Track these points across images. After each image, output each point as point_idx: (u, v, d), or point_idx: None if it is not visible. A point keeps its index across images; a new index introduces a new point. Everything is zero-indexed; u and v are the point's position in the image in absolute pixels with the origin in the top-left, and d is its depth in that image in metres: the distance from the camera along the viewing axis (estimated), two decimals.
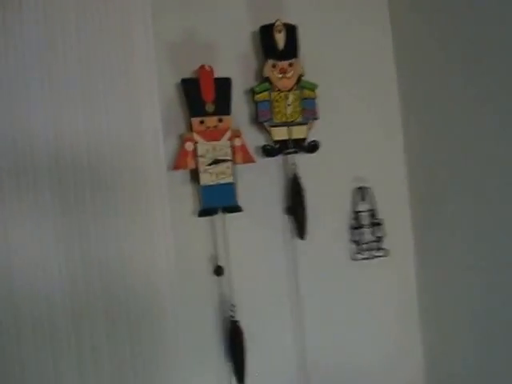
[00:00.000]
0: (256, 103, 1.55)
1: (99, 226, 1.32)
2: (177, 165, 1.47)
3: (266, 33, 1.57)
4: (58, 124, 1.30)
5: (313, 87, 1.61)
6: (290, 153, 1.58)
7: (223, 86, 1.51)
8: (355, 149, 1.70)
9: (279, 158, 1.59)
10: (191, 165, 1.48)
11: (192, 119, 1.48)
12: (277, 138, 1.57)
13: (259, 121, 1.56)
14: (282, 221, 1.61)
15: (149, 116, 1.39)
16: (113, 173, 1.34)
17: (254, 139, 1.58)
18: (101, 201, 1.32)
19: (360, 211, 1.69)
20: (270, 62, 1.56)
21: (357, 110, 1.70)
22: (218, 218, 1.52)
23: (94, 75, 1.33)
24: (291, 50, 1.58)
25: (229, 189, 1.51)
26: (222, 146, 1.50)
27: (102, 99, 1.34)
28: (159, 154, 1.40)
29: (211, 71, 1.50)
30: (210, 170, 1.49)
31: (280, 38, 1.57)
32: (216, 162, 1.49)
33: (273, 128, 1.56)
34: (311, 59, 1.62)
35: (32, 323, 1.25)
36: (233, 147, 1.51)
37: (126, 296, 1.34)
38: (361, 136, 1.71)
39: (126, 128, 1.36)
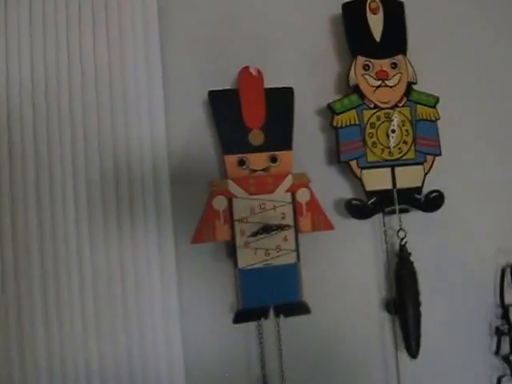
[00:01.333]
0: (336, 130, 0.92)
1: None
2: (198, 236, 0.86)
3: (352, 14, 0.95)
4: None
5: (432, 102, 0.96)
6: (393, 212, 0.94)
7: (280, 103, 0.90)
8: (501, 205, 1.03)
9: (375, 220, 0.96)
10: (223, 235, 0.87)
11: (226, 157, 0.88)
12: (372, 187, 0.93)
13: (342, 160, 0.92)
14: (378, 322, 0.96)
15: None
16: None
17: (332, 190, 0.96)
18: None
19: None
20: (360, 60, 0.94)
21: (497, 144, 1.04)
22: (270, 323, 0.90)
23: None
24: (395, 42, 0.96)
25: (288, 274, 0.89)
26: (277, 203, 0.89)
27: None
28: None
29: (260, 77, 0.90)
30: (256, 244, 0.87)
31: (377, 23, 0.95)
32: (266, 229, 0.88)
33: (366, 171, 0.93)
34: (423, 55, 0.99)
35: None
36: (296, 205, 0.89)
37: None
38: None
39: None
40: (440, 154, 0.95)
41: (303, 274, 0.89)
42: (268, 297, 0.88)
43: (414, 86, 0.96)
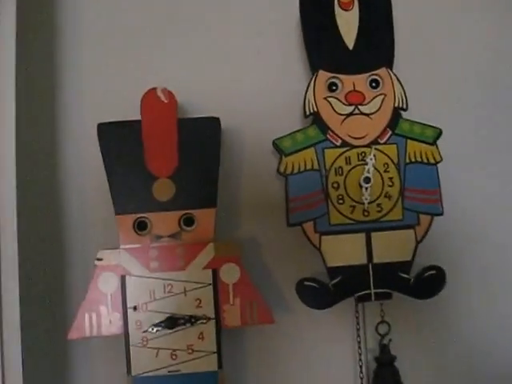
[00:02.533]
0: (285, 178, 0.64)
1: None
2: (76, 328, 0.59)
3: (313, 10, 0.66)
4: None
5: (431, 136, 0.66)
6: (367, 297, 0.64)
7: (200, 139, 0.63)
8: None
9: (341, 310, 0.66)
10: (112, 328, 0.60)
11: (118, 218, 0.62)
12: (336, 261, 0.63)
13: (291, 222, 0.64)
14: None
15: None
16: None
17: (277, 265, 0.67)
18: None
19: None
20: (323, 76, 0.65)
21: None
22: None
23: None
24: (376, 50, 0.66)
25: None
26: (191, 285, 0.61)
27: None
28: None
29: (172, 103, 0.63)
30: (158, 343, 0.60)
31: (349, 22, 0.66)
32: (172, 322, 0.61)
33: (327, 238, 0.63)
34: (418, 69, 0.69)
35: None
36: (219, 287, 0.62)
37: None
38: None
39: None
40: (441, 214, 0.65)
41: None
42: None
43: (404, 114, 0.66)
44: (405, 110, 0.66)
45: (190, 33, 0.69)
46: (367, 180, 0.63)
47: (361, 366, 0.66)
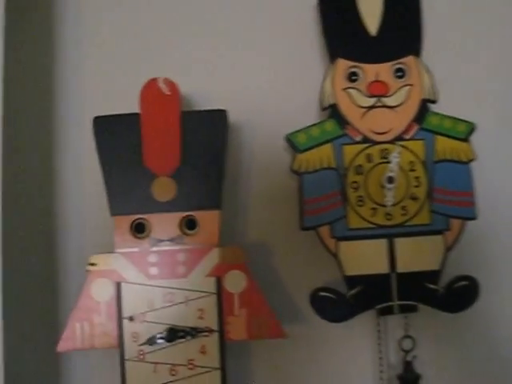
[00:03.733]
0: (300, 176, 0.58)
1: None
2: (65, 340, 0.54)
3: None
4: None
5: (464, 131, 0.59)
6: (390, 310, 0.57)
7: (204, 134, 0.57)
8: None
9: (360, 324, 0.59)
10: (105, 340, 0.55)
11: (115, 219, 0.57)
12: (355, 270, 0.57)
13: (306, 225, 0.57)
14: None
15: None
16: None
17: (289, 274, 0.61)
18: None
19: None
20: (343, 65, 0.59)
21: None
22: None
23: None
24: (401, 36, 0.60)
25: None
26: (193, 294, 0.56)
27: None
28: None
29: (175, 95, 0.57)
30: (156, 357, 0.55)
31: (372, 6, 0.60)
32: (172, 334, 0.55)
33: (345, 244, 0.57)
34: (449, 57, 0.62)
35: None
36: (223, 297, 0.56)
37: None
38: None
39: None
40: (475, 218, 0.58)
41: None
42: None
43: (432, 107, 0.59)
44: (434, 102, 0.59)
45: (197, 19, 0.64)
46: (390, 180, 0.56)
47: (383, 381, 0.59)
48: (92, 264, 0.56)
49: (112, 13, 0.64)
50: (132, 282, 0.56)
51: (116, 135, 0.57)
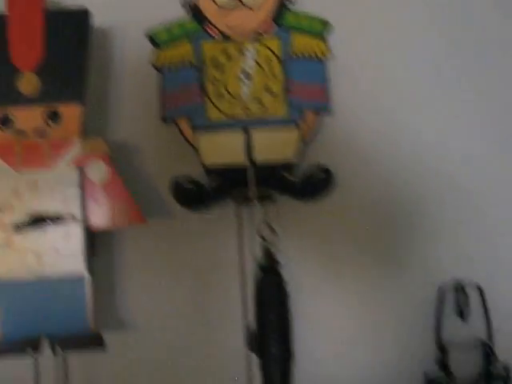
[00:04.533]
0: (160, 72, 0.61)
1: None
2: None
3: None
4: None
5: (318, 28, 0.61)
6: (248, 199, 0.60)
7: (68, 31, 0.59)
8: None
9: (221, 215, 0.62)
10: None
11: None
12: (214, 160, 0.60)
13: (166, 116, 0.61)
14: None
15: None
16: None
17: (152, 166, 0.63)
18: None
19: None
20: None
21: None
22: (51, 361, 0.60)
23: None
24: None
25: (70, 291, 0.58)
26: (57, 183, 0.59)
27: None
28: None
29: None
30: (22, 245, 0.58)
31: None
32: (37, 221, 0.58)
33: (204, 135, 0.60)
34: None
35: None
36: (85, 185, 0.59)
37: None
38: None
39: None
40: (327, 110, 0.61)
41: (99, 290, 0.59)
42: (39, 323, 0.58)
43: (292, 8, 0.61)
44: (292, 2, 0.61)
45: None
46: (247, 74, 0.59)
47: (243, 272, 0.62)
48: None
49: None
50: None
51: None
